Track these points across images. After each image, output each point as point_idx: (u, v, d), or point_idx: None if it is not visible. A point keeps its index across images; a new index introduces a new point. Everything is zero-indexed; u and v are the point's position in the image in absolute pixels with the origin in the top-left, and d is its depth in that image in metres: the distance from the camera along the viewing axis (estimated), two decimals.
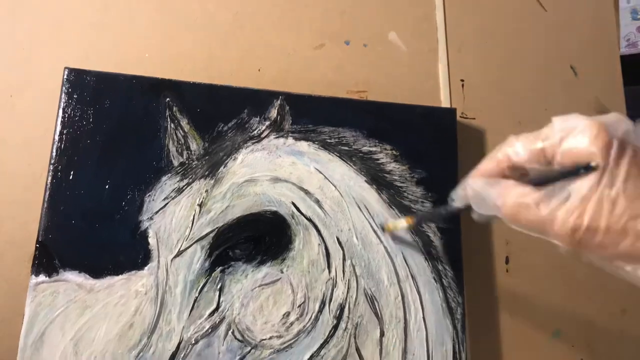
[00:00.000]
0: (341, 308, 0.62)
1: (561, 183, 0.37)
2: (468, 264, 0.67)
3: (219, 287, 0.60)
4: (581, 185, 0.35)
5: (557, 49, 0.83)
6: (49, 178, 0.59)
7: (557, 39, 0.83)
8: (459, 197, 0.47)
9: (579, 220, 0.34)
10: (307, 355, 0.60)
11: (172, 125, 0.63)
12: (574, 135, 0.36)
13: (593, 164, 0.34)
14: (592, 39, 0.85)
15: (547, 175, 0.39)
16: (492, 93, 0.78)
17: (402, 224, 0.62)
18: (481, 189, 0.41)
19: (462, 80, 0.78)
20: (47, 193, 0.59)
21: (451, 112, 0.73)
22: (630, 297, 0.74)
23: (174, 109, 0.64)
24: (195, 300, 0.59)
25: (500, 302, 0.71)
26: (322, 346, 0.60)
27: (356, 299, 0.62)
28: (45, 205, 0.59)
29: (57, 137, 0.61)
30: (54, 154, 0.60)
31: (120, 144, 0.62)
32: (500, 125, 0.77)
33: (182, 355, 0.57)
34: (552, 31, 0.83)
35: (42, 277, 0.57)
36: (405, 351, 0.62)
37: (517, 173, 0.41)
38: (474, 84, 0.78)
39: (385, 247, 0.64)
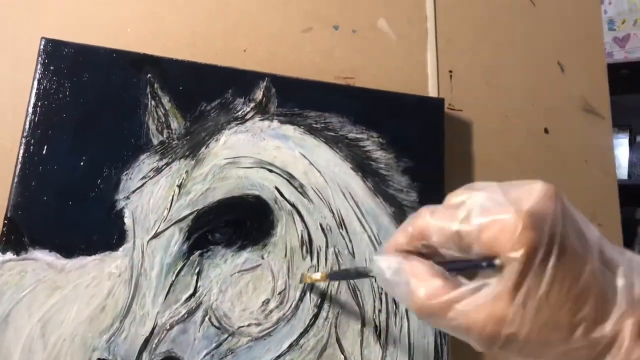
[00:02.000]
0: (322, 297, 0.60)
1: (481, 278, 0.31)
2: None
3: (196, 271, 0.57)
4: (502, 287, 0.29)
5: (545, 44, 0.83)
6: (21, 152, 0.56)
7: (545, 34, 0.83)
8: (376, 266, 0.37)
9: (497, 327, 0.29)
10: (286, 344, 0.58)
11: (153, 103, 0.61)
12: (494, 227, 0.30)
13: (513, 265, 0.29)
14: (578, 37, 0.85)
15: (464, 265, 0.33)
16: (480, 85, 0.77)
17: (317, 276, 0.57)
18: (391, 274, 0.34)
19: (451, 71, 0.77)
20: (18, 167, 0.56)
21: (439, 102, 0.71)
22: None
23: (155, 86, 0.61)
24: (171, 285, 0.56)
25: None
26: (301, 335, 0.58)
27: (338, 288, 0.61)
28: (16, 180, 0.56)
29: (30, 110, 0.58)
30: (27, 127, 0.57)
31: (98, 120, 0.59)
32: (487, 118, 0.76)
33: (155, 340, 0.55)
34: (540, 26, 0.83)
35: (9, 255, 0.54)
36: (386, 343, 0.61)
37: (434, 250, 0.35)
38: (462, 76, 0.77)
39: (369, 236, 0.63)
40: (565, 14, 0.85)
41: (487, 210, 0.31)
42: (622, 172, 2.42)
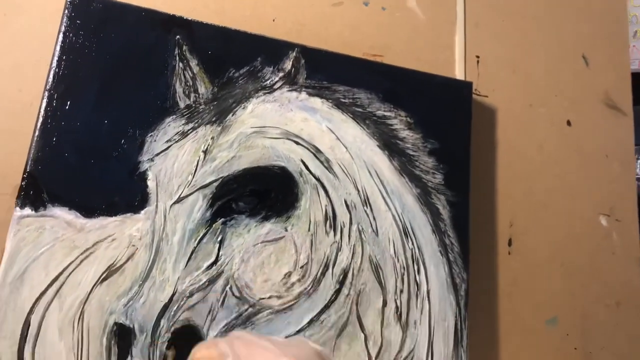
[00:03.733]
0: (345, 273, 0.59)
1: None
2: (472, 242, 0.65)
3: (219, 239, 0.56)
4: None
5: (571, 37, 0.82)
6: (44, 105, 0.54)
7: (571, 27, 0.82)
8: None
9: None
10: (307, 319, 0.56)
11: (181, 65, 0.59)
12: None
13: None
14: (604, 32, 0.84)
15: None
16: (506, 73, 0.76)
17: None
18: None
19: (478, 57, 0.75)
20: (40, 121, 0.54)
21: (468, 85, 0.70)
22: (625, 291, 0.74)
23: (184, 48, 0.59)
24: (193, 251, 0.55)
25: (500, 283, 0.69)
26: (322, 310, 0.57)
27: (360, 265, 0.59)
28: (37, 134, 0.53)
29: (55, 63, 0.56)
30: (50, 79, 0.55)
31: (124, 79, 0.57)
32: (512, 106, 0.75)
33: (174, 307, 0.53)
34: (567, 19, 0.82)
35: (27, 211, 0.52)
36: (407, 323, 0.59)
37: None
38: (488, 62, 0.76)
39: (393, 215, 0.62)
40: (592, 9, 0.84)
41: None
42: None
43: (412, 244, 0.62)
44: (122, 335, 0.51)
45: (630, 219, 0.77)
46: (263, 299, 0.56)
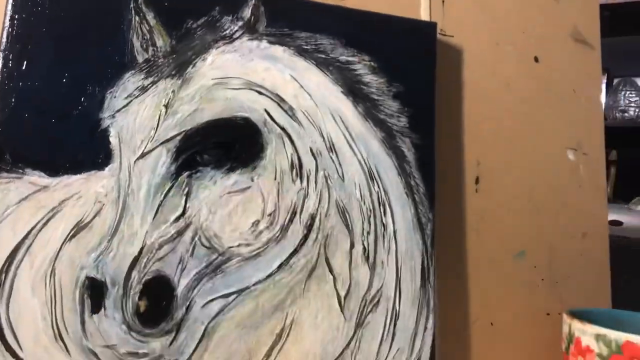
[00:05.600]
0: (312, 218, 0.60)
1: None
2: (439, 182, 0.66)
3: (185, 192, 0.57)
4: None
5: None
6: None
7: None
8: None
9: None
10: (276, 264, 0.58)
11: (137, 19, 0.58)
12: None
13: None
14: None
15: None
16: (472, 11, 0.76)
17: None
18: None
19: None
20: None
21: (432, 26, 0.70)
22: (591, 222, 0.76)
23: (139, 0, 0.58)
24: (159, 205, 0.56)
25: (467, 221, 0.71)
26: (291, 255, 0.59)
27: (327, 210, 0.61)
28: None
29: (7, 22, 0.55)
30: (4, 40, 0.54)
31: (80, 35, 0.57)
32: (479, 45, 0.75)
33: (144, 260, 0.54)
34: None
35: None
36: (374, 263, 0.61)
37: None
38: (454, 1, 0.75)
39: (359, 160, 0.63)
40: None
41: None
42: None
43: (378, 187, 0.63)
44: (94, 289, 0.53)
45: (597, 152, 0.79)
46: (232, 247, 0.57)
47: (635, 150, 2.31)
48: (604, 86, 2.51)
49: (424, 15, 0.73)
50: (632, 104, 2.44)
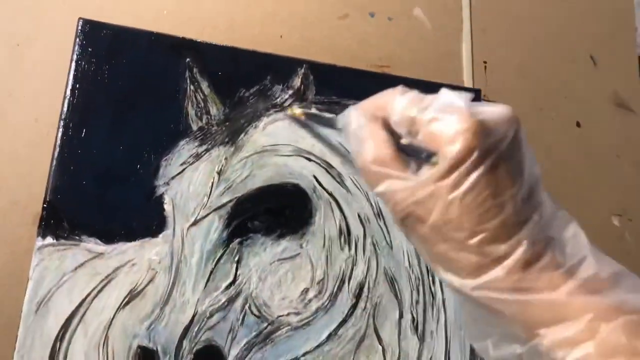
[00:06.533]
0: (360, 287, 0.60)
1: (416, 161, 0.33)
2: None
3: (236, 259, 0.57)
4: (428, 177, 0.31)
5: (578, 37, 0.82)
6: (59, 134, 0.55)
7: (578, 27, 0.82)
8: (347, 115, 0.39)
9: (410, 208, 0.32)
10: (325, 334, 0.58)
11: (192, 88, 0.60)
12: (443, 122, 0.32)
13: (444, 161, 0.31)
14: (611, 31, 0.84)
15: (408, 146, 0.35)
16: (514, 77, 0.77)
17: (297, 111, 0.53)
18: (354, 128, 0.37)
19: (485, 62, 0.76)
20: (57, 150, 0.55)
21: (476, 93, 0.71)
22: None
23: (194, 70, 0.60)
24: (211, 272, 0.56)
25: None
26: (340, 325, 0.58)
27: (376, 278, 0.60)
28: (55, 163, 0.55)
29: (69, 92, 0.57)
30: (65, 109, 0.56)
31: (137, 104, 0.58)
32: (521, 111, 0.75)
33: (196, 328, 0.54)
34: (573, 20, 0.82)
35: (49, 240, 0.53)
36: (423, 334, 0.60)
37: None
38: (496, 67, 0.76)
39: None
40: (598, 7, 0.84)
41: (445, 107, 0.32)
42: None
43: None
44: (146, 358, 0.53)
45: None
46: (281, 316, 0.57)
47: None
48: None
49: (467, 82, 0.74)
50: None
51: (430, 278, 0.62)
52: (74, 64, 0.57)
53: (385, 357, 0.59)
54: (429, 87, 0.68)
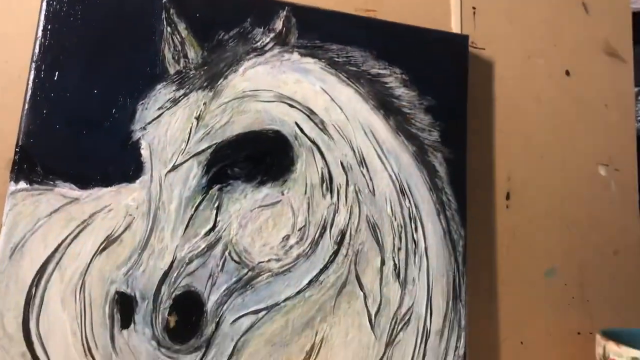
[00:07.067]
0: (342, 234, 0.59)
1: None
2: (468, 198, 0.65)
3: (216, 205, 0.56)
4: None
5: None
6: (31, 77, 0.53)
7: None
8: None
9: None
10: (306, 280, 0.57)
11: (169, 30, 0.58)
12: None
13: None
14: None
15: None
16: (503, 23, 0.75)
17: None
18: None
19: (474, 8, 0.74)
20: (29, 94, 0.53)
21: (463, 39, 0.69)
22: (623, 239, 0.74)
23: (171, 11, 0.58)
24: (190, 218, 0.55)
25: (498, 237, 0.69)
26: (321, 271, 0.58)
27: (358, 225, 0.60)
28: (27, 107, 0.53)
29: (40, 33, 0.54)
30: (36, 51, 0.54)
31: (111, 46, 0.56)
32: (510, 58, 0.74)
33: (175, 274, 0.54)
34: None
35: (22, 184, 0.52)
36: (405, 281, 0.60)
37: None
38: (485, 13, 0.74)
39: (390, 175, 0.62)
40: None
41: None
42: None
43: (409, 202, 0.62)
44: (124, 304, 0.52)
45: (629, 167, 0.77)
46: (262, 262, 0.56)
47: None
48: None
49: (455, 28, 0.72)
50: None
51: (413, 225, 0.61)
52: (44, 3, 0.55)
53: (367, 303, 0.59)
54: (417, 33, 0.67)
